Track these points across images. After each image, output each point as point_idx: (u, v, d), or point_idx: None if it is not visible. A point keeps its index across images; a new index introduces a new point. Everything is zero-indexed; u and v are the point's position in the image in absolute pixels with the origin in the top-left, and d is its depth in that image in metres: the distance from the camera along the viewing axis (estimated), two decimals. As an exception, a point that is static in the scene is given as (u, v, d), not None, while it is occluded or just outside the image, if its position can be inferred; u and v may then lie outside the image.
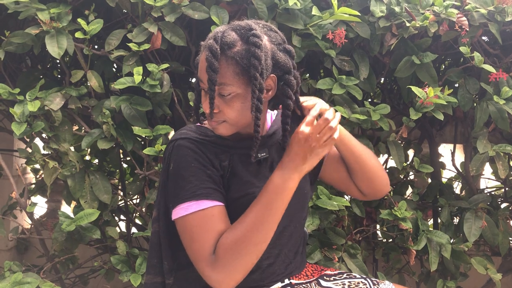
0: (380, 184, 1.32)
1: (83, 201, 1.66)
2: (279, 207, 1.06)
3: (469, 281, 1.88)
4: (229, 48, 1.04)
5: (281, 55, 1.09)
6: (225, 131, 1.11)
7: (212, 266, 1.02)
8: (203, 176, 1.07)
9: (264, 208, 1.05)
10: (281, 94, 1.11)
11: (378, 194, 1.34)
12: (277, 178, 1.07)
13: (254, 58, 1.03)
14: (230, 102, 1.07)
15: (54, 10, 1.55)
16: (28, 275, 1.61)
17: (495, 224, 1.77)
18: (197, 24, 1.72)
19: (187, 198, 1.06)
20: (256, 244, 1.03)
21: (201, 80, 1.09)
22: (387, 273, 1.91)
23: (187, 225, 1.06)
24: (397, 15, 1.64)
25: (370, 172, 1.29)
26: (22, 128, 1.55)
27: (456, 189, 2.14)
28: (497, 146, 1.69)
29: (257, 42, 1.03)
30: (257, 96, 1.04)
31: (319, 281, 1.26)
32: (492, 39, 1.80)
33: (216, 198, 1.07)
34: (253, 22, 1.10)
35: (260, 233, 1.04)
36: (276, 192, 1.06)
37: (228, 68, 1.04)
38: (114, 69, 1.82)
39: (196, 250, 1.04)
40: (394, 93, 1.97)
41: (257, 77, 1.03)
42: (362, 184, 1.31)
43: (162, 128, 1.62)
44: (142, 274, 1.58)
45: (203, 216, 1.05)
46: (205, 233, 1.04)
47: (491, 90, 1.68)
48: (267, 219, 1.04)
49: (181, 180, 1.07)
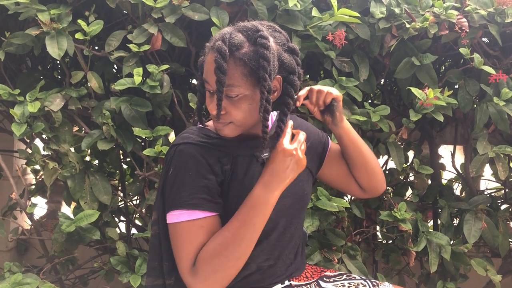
0: (380, 180, 1.35)
1: (83, 202, 1.66)
2: (259, 222, 1.06)
3: (469, 283, 1.88)
4: (237, 50, 1.04)
5: (286, 55, 1.10)
6: (231, 133, 1.11)
7: (192, 277, 1.04)
8: (199, 185, 1.07)
9: (244, 223, 1.05)
10: (284, 94, 1.12)
11: (377, 190, 1.36)
12: (259, 193, 1.06)
13: (263, 59, 1.03)
14: (237, 103, 1.07)
15: (54, 11, 1.55)
16: (28, 276, 1.61)
17: (495, 226, 1.77)
18: (197, 25, 1.72)
19: (180, 206, 1.07)
20: (236, 258, 1.04)
21: (207, 81, 1.09)
22: (386, 274, 1.91)
23: (176, 232, 1.08)
24: (397, 17, 1.64)
25: (372, 166, 1.31)
26: (22, 129, 1.55)
27: (456, 190, 2.14)
28: (497, 148, 1.69)
29: (265, 44, 1.04)
30: (266, 97, 1.05)
31: (319, 282, 1.26)
32: (492, 41, 1.80)
33: (208, 209, 1.07)
34: (258, 23, 1.10)
35: (239, 247, 1.04)
36: (257, 208, 1.05)
37: (236, 70, 1.04)
38: (114, 70, 1.82)
39: (181, 259, 1.06)
40: (394, 94, 1.98)
41: (266, 78, 1.03)
42: (364, 178, 1.32)
43: (162, 129, 1.62)
44: (142, 275, 1.58)
45: (192, 226, 1.06)
46: (190, 243, 1.05)
47: (491, 91, 1.68)
48: (247, 235, 1.04)
49: (177, 187, 1.08)
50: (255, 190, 1.07)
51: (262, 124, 1.08)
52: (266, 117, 1.07)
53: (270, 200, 1.06)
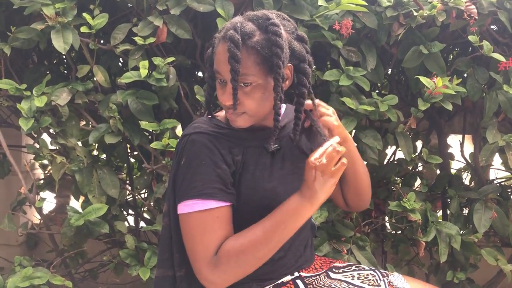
0: (366, 200, 1.35)
1: (91, 195, 1.66)
2: (290, 229, 1.06)
3: (479, 272, 1.87)
4: (249, 38, 1.03)
5: (296, 43, 1.09)
6: (244, 123, 1.11)
7: (212, 268, 1.04)
8: (213, 175, 1.07)
9: (275, 226, 1.05)
10: (297, 82, 1.11)
11: (360, 208, 1.38)
12: (294, 201, 1.06)
13: (275, 47, 1.02)
14: (251, 93, 1.06)
15: (59, 5, 1.55)
16: (38, 270, 1.62)
17: (505, 215, 1.75)
18: (202, 17, 1.71)
19: (194, 196, 1.06)
20: (260, 258, 1.05)
21: (218, 72, 1.08)
22: (396, 265, 1.90)
23: (190, 223, 1.07)
24: (404, 5, 1.62)
25: (362, 188, 1.32)
26: (30, 124, 1.55)
27: (465, 180, 2.12)
28: (507, 136, 1.67)
29: (277, 31, 1.03)
30: (280, 85, 1.04)
31: (328, 273, 1.26)
32: (501, 28, 1.78)
33: (222, 199, 1.07)
34: (267, 11, 1.10)
35: (265, 248, 1.05)
36: (291, 214, 1.05)
37: (249, 58, 1.03)
38: (120, 64, 1.81)
39: (197, 250, 1.06)
40: (402, 83, 1.96)
41: (280, 66, 1.03)
42: (351, 197, 1.33)
43: (169, 122, 1.61)
44: (151, 268, 1.58)
45: (207, 216, 1.06)
46: (208, 234, 1.05)
47: (501, 79, 1.66)
48: (276, 237, 1.05)
49: (190, 176, 1.07)
50: (292, 197, 1.07)
51: (275, 113, 1.07)
52: (280, 106, 1.06)
53: (302, 212, 1.05)
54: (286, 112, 1.25)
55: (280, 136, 1.19)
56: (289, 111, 1.25)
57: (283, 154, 1.19)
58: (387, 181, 1.89)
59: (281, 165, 1.18)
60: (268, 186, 1.14)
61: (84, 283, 2.06)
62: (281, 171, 1.18)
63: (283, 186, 1.16)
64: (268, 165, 1.15)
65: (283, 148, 1.20)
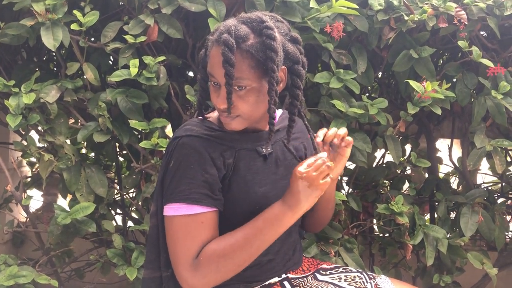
0: (321, 227, 1.40)
1: (79, 194, 1.65)
2: (271, 235, 1.06)
3: (465, 276, 1.89)
4: (243, 42, 1.03)
5: (290, 45, 1.09)
6: (238, 126, 1.10)
7: (192, 272, 1.04)
8: (200, 180, 1.06)
9: (257, 232, 1.05)
10: (291, 84, 1.11)
11: (312, 231, 1.48)
12: (277, 208, 1.06)
13: (270, 51, 1.02)
14: (245, 96, 1.06)
15: (49, 2, 1.53)
16: (23, 269, 1.60)
17: (491, 219, 1.77)
18: (194, 17, 1.71)
19: (179, 200, 1.06)
20: (239, 264, 1.05)
21: (212, 75, 1.07)
22: (383, 267, 1.91)
23: (173, 226, 1.07)
24: (395, 9, 1.63)
25: (327, 216, 1.35)
26: (17, 121, 1.53)
27: (453, 184, 2.14)
28: (495, 141, 1.69)
29: (271, 34, 1.03)
30: (275, 89, 1.04)
31: (316, 275, 1.26)
32: (490, 34, 1.80)
33: (207, 205, 1.07)
34: (262, 14, 1.09)
35: (246, 254, 1.05)
36: (272, 222, 1.06)
37: (243, 62, 1.03)
38: (110, 62, 1.80)
39: (179, 253, 1.06)
40: (392, 87, 1.97)
41: (275, 70, 1.03)
42: (310, 223, 1.36)
43: (159, 121, 1.61)
44: (138, 268, 1.57)
45: (191, 221, 1.06)
46: (190, 238, 1.05)
47: (489, 84, 1.67)
48: (256, 244, 1.05)
49: (177, 180, 1.07)
50: (275, 204, 1.07)
51: (269, 117, 1.07)
52: (274, 109, 1.06)
53: (284, 220, 1.06)
54: (282, 117, 1.25)
55: (273, 141, 1.19)
56: (285, 116, 1.24)
57: (276, 159, 1.19)
58: (375, 184, 1.90)
59: (273, 170, 1.18)
60: (260, 191, 1.14)
61: (70, 282, 2.04)
62: (273, 176, 1.17)
63: (275, 191, 1.16)
64: (261, 169, 1.15)
65: (276, 153, 1.19)
